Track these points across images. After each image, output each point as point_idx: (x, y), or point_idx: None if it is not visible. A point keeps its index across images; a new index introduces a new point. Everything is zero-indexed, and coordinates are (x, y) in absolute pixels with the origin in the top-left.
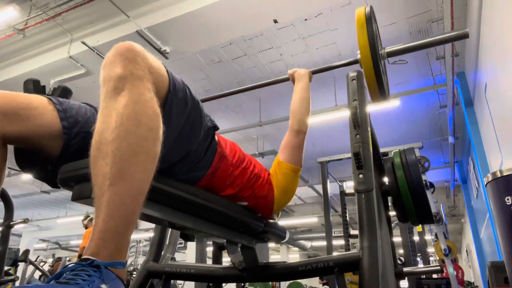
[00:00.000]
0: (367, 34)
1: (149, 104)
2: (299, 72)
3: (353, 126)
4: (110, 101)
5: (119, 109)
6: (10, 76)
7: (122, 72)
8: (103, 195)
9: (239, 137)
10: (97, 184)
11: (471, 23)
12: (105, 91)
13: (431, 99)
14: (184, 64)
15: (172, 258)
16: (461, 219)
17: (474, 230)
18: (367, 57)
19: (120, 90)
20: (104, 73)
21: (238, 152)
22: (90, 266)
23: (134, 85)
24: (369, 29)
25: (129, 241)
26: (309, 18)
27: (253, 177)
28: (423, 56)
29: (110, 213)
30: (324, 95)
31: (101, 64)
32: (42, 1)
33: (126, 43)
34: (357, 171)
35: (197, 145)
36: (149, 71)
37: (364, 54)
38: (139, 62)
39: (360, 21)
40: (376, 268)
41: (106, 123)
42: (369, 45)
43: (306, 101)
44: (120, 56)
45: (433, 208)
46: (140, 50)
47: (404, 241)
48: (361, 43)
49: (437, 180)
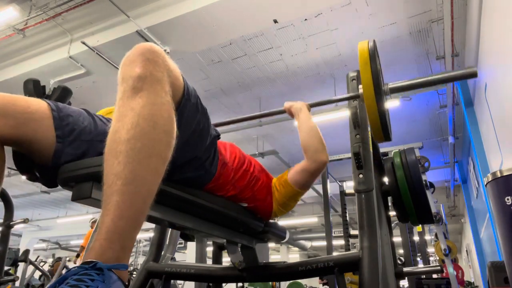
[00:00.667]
0: (370, 71)
1: (165, 107)
2: (296, 106)
3: (353, 126)
4: (127, 100)
5: (136, 109)
6: (10, 76)
7: (142, 72)
8: (113, 195)
9: (239, 137)
10: (108, 183)
11: (471, 23)
12: (122, 89)
13: (431, 99)
14: (184, 64)
15: (172, 258)
16: (461, 219)
17: (474, 230)
18: (370, 95)
19: (138, 90)
20: (123, 71)
21: (238, 154)
22: (93, 269)
23: (153, 86)
24: (373, 66)
25: (134, 243)
26: (309, 18)
27: (253, 178)
28: (423, 56)
29: (120, 213)
30: (324, 95)
31: (121, 62)
32: (42, 1)
33: (148, 44)
34: (357, 171)
35: (203, 151)
36: (168, 73)
37: (368, 92)
38: (159, 63)
39: (364, 57)
40: (376, 268)
41: (122, 122)
42: (373, 83)
43: (315, 131)
44: (141, 55)
45: (433, 208)
46: (161, 52)
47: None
48: (365, 81)
49: (437, 180)
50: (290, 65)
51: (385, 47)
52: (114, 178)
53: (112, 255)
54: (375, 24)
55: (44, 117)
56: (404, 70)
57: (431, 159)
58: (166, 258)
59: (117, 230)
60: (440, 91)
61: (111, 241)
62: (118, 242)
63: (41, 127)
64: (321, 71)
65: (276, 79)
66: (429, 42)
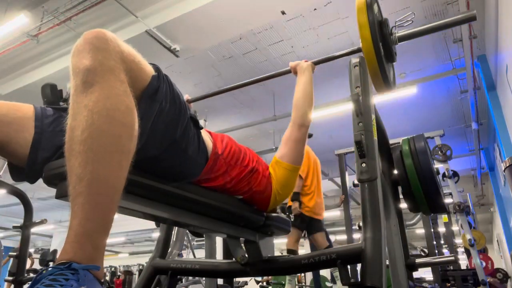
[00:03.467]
0: (368, 20)
1: (121, 98)
2: (302, 65)
3: (355, 114)
4: (80, 97)
5: (89, 106)
6: (28, 82)
7: (91, 64)
8: (77, 197)
9: (255, 132)
10: (72, 184)
11: (489, 3)
12: (74, 84)
13: (451, 85)
14: (195, 61)
15: (178, 254)
16: (490, 208)
17: (504, 219)
18: (367, 39)
19: (90, 85)
20: (72, 63)
21: (233, 146)
22: (68, 269)
23: (105, 77)
24: (369, 12)
25: (106, 241)
26: (318, 7)
27: (249, 171)
28: (440, 40)
29: (86, 215)
30: (339, 86)
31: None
32: (53, 6)
33: (96, 30)
34: (359, 160)
35: (180, 135)
36: (122, 60)
37: (364, 36)
38: (110, 50)
39: (361, 4)
40: (380, 260)
41: (77, 121)
42: (369, 26)
43: (310, 95)
44: (88, 44)
45: (458, 197)
46: (111, 37)
47: (427, 232)
48: (361, 25)
49: (463, 168)
50: (302, 57)
51: None
52: (76, 179)
53: (85, 256)
54: (388, 10)
55: (27, 123)
56: (420, 55)
57: (455, 147)
58: (173, 255)
59: (86, 233)
60: (460, 76)
61: (81, 244)
62: (89, 243)
63: (22, 134)
64: (334, 62)
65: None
66: None
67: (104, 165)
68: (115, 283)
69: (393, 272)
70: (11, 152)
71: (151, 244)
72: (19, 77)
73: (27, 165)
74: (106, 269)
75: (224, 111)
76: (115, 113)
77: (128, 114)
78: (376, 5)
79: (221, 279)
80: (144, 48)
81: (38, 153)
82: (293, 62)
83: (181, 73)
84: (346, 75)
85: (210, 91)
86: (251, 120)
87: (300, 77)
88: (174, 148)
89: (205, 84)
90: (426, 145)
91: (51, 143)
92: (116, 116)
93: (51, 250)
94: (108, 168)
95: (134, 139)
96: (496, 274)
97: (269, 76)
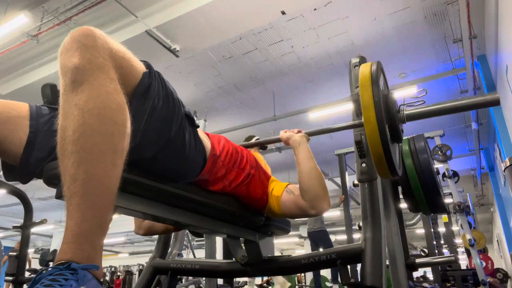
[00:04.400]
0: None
1: (112, 96)
2: (295, 139)
3: (355, 114)
4: (70, 96)
5: (80, 105)
6: (28, 82)
7: (79, 62)
8: (72, 197)
9: (255, 132)
10: (66, 185)
11: (489, 3)
12: (63, 84)
13: (451, 85)
14: (195, 61)
15: (178, 254)
16: (490, 208)
17: (504, 219)
18: (371, 121)
19: (79, 84)
20: (61, 62)
21: (231, 149)
22: (67, 269)
23: (94, 75)
24: (375, 89)
25: (103, 240)
26: (318, 7)
27: (246, 175)
28: (440, 40)
29: (82, 216)
30: (339, 86)
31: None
32: (53, 6)
33: (83, 27)
34: (359, 160)
35: (174, 132)
36: (111, 57)
37: (369, 118)
38: (98, 48)
39: (365, 79)
40: (380, 259)
41: (68, 120)
42: (375, 108)
43: (316, 172)
44: (76, 42)
45: (458, 197)
46: (99, 34)
47: (427, 232)
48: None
49: (463, 168)
50: (302, 57)
51: (399, 33)
52: (70, 179)
53: (83, 256)
54: (387, 10)
55: (23, 121)
56: (420, 55)
57: (455, 147)
58: (173, 255)
59: (83, 233)
60: (460, 76)
61: (79, 244)
62: (86, 243)
63: (17, 132)
64: (334, 62)
65: (289, 72)
66: (446, 25)
67: (97, 164)
68: (115, 283)
69: (393, 272)
70: (5, 151)
71: (151, 244)
72: (19, 77)
73: (20, 165)
74: (106, 269)
75: (224, 111)
76: (106, 111)
77: (119, 112)
78: (382, 77)
79: (221, 279)
80: (144, 48)
81: (32, 153)
82: (284, 134)
83: (181, 73)
84: (346, 75)
85: (210, 91)
86: (251, 120)
87: (297, 154)
88: (170, 147)
89: (205, 84)
90: (426, 145)
91: (46, 143)
92: (107, 114)
93: (51, 250)
94: (102, 167)
95: (126, 137)
96: (496, 274)
97: (259, 143)
